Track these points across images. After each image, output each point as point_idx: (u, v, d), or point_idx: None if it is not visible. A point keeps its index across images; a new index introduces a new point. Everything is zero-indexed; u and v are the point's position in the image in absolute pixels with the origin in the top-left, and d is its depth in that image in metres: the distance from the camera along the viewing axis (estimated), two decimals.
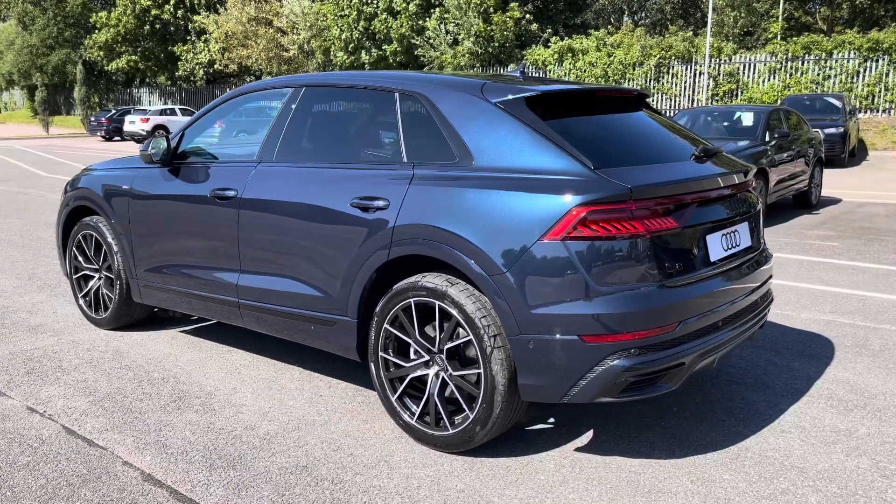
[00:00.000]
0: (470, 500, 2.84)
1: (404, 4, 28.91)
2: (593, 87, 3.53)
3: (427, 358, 3.23)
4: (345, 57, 31.30)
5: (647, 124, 3.60)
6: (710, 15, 25.00)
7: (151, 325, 5.07)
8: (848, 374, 4.15)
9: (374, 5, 29.77)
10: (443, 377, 3.19)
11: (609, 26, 28.48)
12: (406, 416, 3.30)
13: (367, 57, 30.74)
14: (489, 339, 2.96)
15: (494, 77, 3.64)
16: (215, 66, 35.41)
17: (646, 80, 25.78)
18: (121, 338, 4.86)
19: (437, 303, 3.11)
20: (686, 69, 25.22)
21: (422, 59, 29.51)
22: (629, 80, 26.19)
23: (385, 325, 3.31)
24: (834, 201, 11.54)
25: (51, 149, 27.91)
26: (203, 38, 35.54)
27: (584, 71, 27.06)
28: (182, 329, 5.03)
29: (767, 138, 9.84)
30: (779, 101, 20.96)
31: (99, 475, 3.03)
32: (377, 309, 3.34)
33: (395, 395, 3.33)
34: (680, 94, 25.46)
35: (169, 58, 37.83)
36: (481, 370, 3.00)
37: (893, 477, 3.01)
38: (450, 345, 3.13)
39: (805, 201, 10.73)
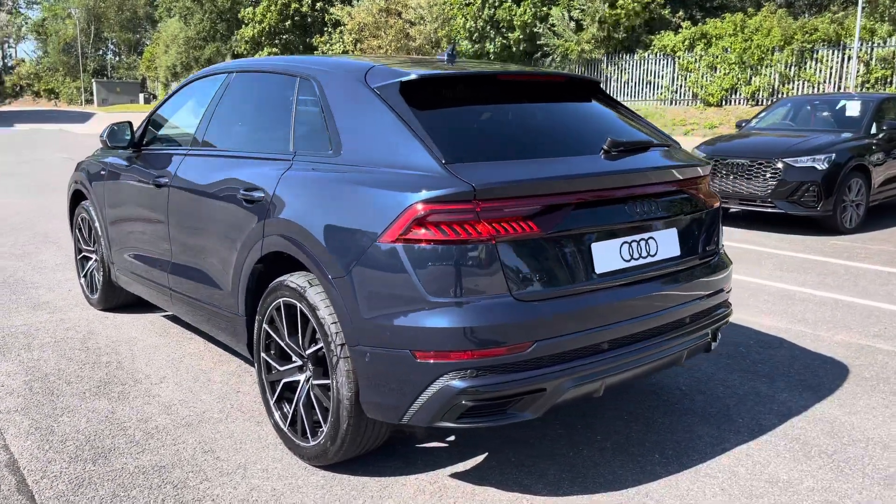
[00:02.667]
0: None
1: None
2: (494, 72, 3.13)
3: (301, 363, 3.01)
4: (469, 46, 31.19)
5: (565, 114, 3.16)
6: None
7: (142, 308, 5.17)
8: (838, 413, 3.48)
9: None
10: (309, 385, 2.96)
11: (750, 8, 26.34)
12: (280, 422, 3.10)
13: (491, 46, 30.45)
14: (336, 347, 2.69)
15: (407, 61, 3.33)
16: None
17: (786, 67, 23.72)
18: (105, 319, 4.99)
19: (298, 305, 2.88)
20: (833, 54, 22.91)
21: (545, 47, 28.83)
22: (767, 67, 24.22)
23: (264, 325, 3.13)
24: None
25: None
26: (338, 30, 36.73)
27: (717, 57, 25.31)
28: (165, 314, 5.10)
29: (874, 131, 8.64)
30: None
31: None
32: (258, 307, 3.16)
33: (273, 399, 3.14)
34: (825, 82, 23.18)
35: (307, 49, 39.47)
36: (331, 381, 2.75)
37: None
38: (310, 350, 2.90)
39: None
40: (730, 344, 4.47)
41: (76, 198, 5.28)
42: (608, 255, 2.69)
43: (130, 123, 4.41)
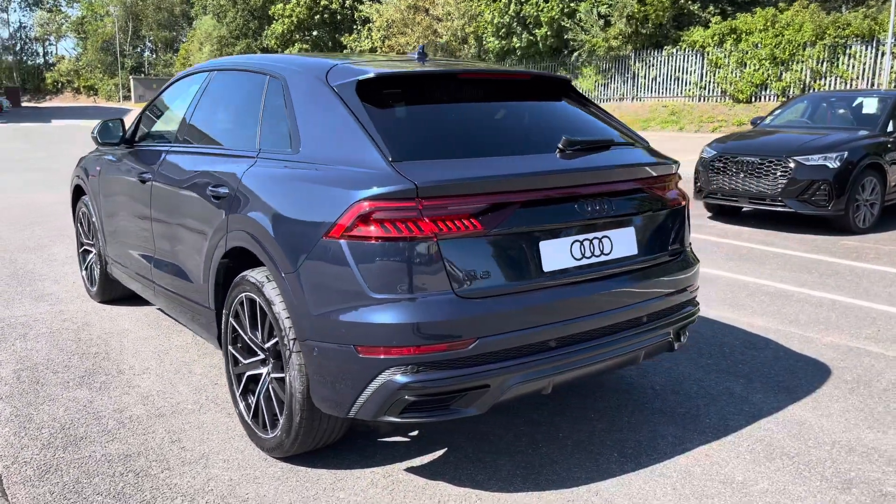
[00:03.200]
0: None
1: None
2: (454, 70, 3.14)
3: (264, 357, 3.07)
4: (496, 42, 31.12)
5: (528, 112, 3.16)
6: None
7: (137, 301, 5.28)
8: (809, 416, 3.43)
9: None
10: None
11: (781, 3, 25.82)
12: (244, 414, 3.17)
13: (518, 42, 30.36)
14: (289, 341, 2.74)
15: (376, 59, 3.36)
16: (376, 54, 36.71)
17: (817, 62, 23.25)
18: (101, 311, 5.12)
19: (257, 299, 2.94)
20: (866, 49, 22.38)
21: (572, 42, 28.65)
22: (798, 63, 23.76)
23: (230, 319, 3.20)
24: None
25: None
26: (367, 27, 36.93)
27: (747, 53, 24.90)
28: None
29: (891, 129, 8.44)
30: None
31: None
32: (225, 301, 3.23)
33: (239, 391, 3.21)
34: (858, 78, 22.66)
35: (336, 46, 39.75)
36: (285, 375, 2.80)
37: None
38: (268, 344, 2.95)
39: None
40: (714, 344, 4.43)
41: (77, 192, 5.42)
42: (557, 254, 2.70)
43: (122, 120, 4.52)
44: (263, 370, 3.06)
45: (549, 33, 29.08)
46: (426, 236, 2.44)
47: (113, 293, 5.19)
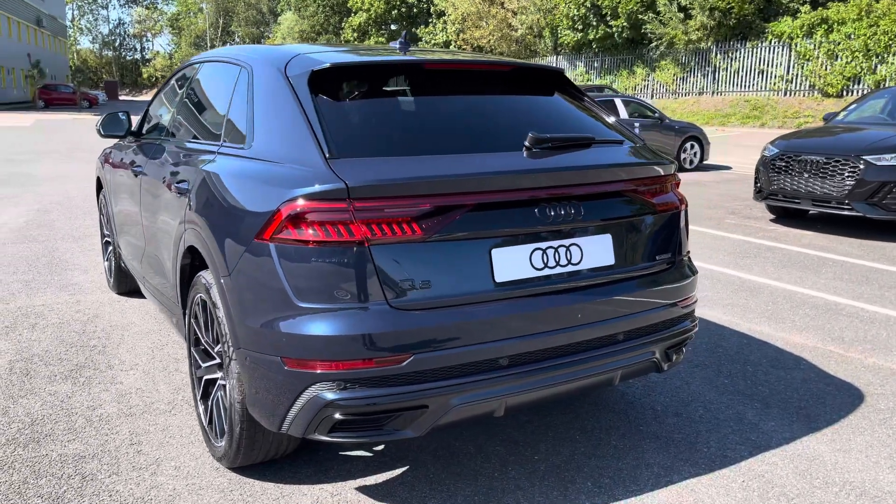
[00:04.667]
0: None
1: None
2: (420, 60, 2.88)
3: (219, 361, 2.94)
4: (571, 35, 30.45)
5: (502, 106, 2.89)
6: None
7: None
8: (824, 450, 3.04)
9: None
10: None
11: None
12: (203, 419, 3.04)
13: (594, 34, 29.60)
14: (229, 348, 2.59)
15: (346, 49, 3.16)
16: (450, 47, 36.59)
17: None
18: (115, 303, 5.15)
19: (207, 301, 2.80)
20: None
21: (650, 34, 27.70)
22: (895, 55, 22.20)
23: (190, 320, 3.08)
24: None
25: None
26: (442, 20, 36.84)
27: (839, 44, 23.45)
28: None
29: None
30: None
31: None
32: (187, 301, 3.12)
33: (199, 395, 3.09)
34: None
35: (411, 39, 39.94)
36: (226, 383, 2.65)
37: None
38: (217, 349, 2.81)
39: None
40: (737, 361, 4.04)
41: (98, 184, 5.47)
42: (514, 263, 2.43)
43: (128, 113, 4.49)
44: (218, 375, 2.92)
45: (625, 25, 28.23)
46: (357, 241, 2.23)
47: (128, 285, 5.21)
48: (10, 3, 49.40)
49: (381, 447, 3.08)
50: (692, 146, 14.03)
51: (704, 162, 14.33)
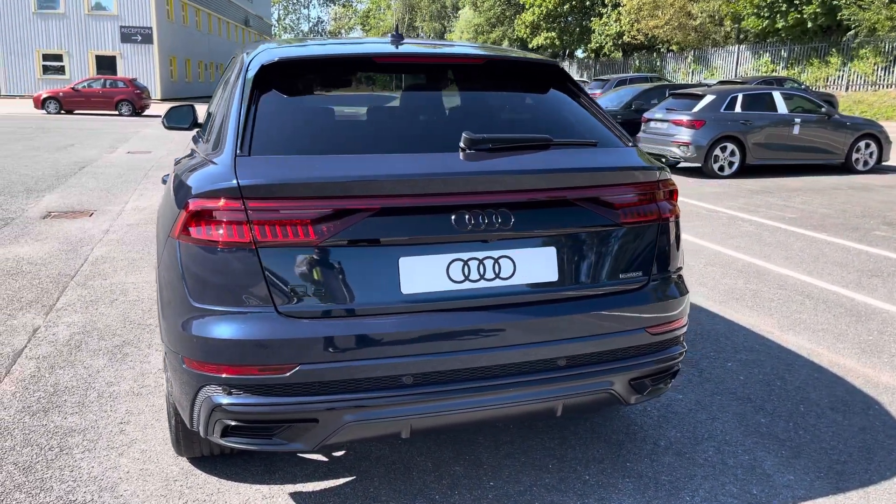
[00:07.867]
0: None
1: None
2: (371, 53, 2.69)
3: None
4: (757, 22, 28.18)
5: (464, 104, 2.66)
6: None
7: None
8: (829, 492, 2.53)
9: None
10: None
11: None
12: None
13: (783, 21, 27.17)
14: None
15: (322, 43, 3.07)
16: (623, 38, 35.23)
17: None
18: None
19: None
20: None
21: (846, 21, 24.95)
22: None
23: None
24: None
25: None
26: (616, 11, 35.62)
27: None
28: None
29: None
30: None
31: None
32: None
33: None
34: None
35: (583, 32, 38.91)
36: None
37: None
38: None
39: None
40: (788, 399, 3.50)
41: None
42: (426, 274, 2.23)
43: (192, 106, 4.71)
44: None
45: (819, 11, 25.63)
46: (245, 242, 2.15)
47: None
48: (221, 5, 54.42)
49: (341, 452, 3.00)
50: (867, 145, 12.42)
51: (883, 163, 12.65)
